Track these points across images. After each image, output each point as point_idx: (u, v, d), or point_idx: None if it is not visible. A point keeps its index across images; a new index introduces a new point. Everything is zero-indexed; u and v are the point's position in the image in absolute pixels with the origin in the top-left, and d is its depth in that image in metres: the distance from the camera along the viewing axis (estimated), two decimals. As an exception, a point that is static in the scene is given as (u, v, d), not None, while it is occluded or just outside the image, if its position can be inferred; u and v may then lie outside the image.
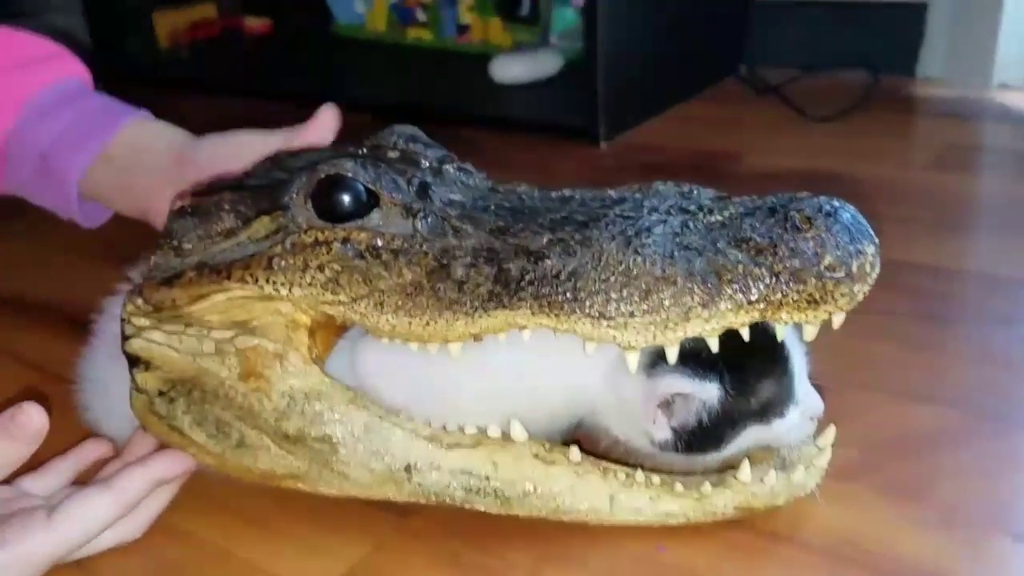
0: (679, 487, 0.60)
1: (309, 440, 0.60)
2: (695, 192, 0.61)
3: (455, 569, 0.62)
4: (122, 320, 0.63)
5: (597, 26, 1.35)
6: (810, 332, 0.55)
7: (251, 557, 0.63)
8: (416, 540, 0.64)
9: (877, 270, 0.54)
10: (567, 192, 0.63)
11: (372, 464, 0.60)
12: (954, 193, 1.18)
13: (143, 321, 0.62)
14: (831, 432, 0.63)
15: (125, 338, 0.62)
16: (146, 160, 0.76)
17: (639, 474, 0.60)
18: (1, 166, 0.79)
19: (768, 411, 0.60)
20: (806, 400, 0.61)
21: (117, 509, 0.59)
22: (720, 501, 0.60)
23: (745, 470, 0.60)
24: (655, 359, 0.58)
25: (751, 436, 0.60)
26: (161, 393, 0.62)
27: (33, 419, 0.56)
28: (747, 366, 0.59)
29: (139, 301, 0.62)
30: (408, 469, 0.60)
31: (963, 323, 0.87)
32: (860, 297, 0.53)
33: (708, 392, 0.58)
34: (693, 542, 0.61)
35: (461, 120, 1.53)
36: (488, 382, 0.61)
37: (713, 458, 0.61)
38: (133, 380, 0.63)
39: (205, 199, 0.64)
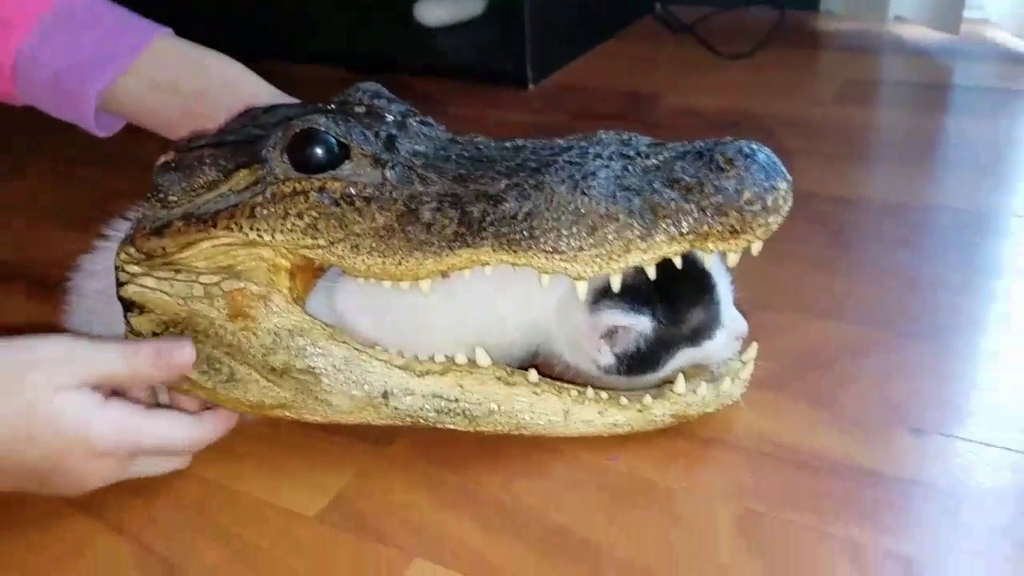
0: (624, 400, 0.68)
1: (294, 372, 0.66)
2: (633, 139, 0.67)
3: (432, 491, 0.68)
4: (116, 268, 0.68)
5: None
6: (732, 259, 0.63)
7: (255, 493, 0.69)
8: (395, 466, 0.71)
9: (790, 203, 0.61)
10: (520, 142, 0.69)
11: (352, 392, 0.66)
12: (857, 126, 1.27)
13: (135, 268, 0.67)
14: (754, 348, 0.72)
15: (120, 284, 0.67)
16: (213, 92, 0.80)
17: (589, 391, 0.68)
18: (9, 80, 0.80)
19: (698, 335, 0.68)
20: (732, 323, 0.69)
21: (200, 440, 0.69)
22: (659, 411, 0.68)
23: (680, 383, 0.68)
24: (598, 295, 0.66)
25: (684, 357, 0.68)
26: (155, 335, 0.68)
27: (186, 353, 0.66)
28: (679, 296, 0.67)
29: (131, 250, 0.67)
30: (385, 395, 0.67)
31: (866, 248, 0.95)
32: (775, 227, 0.61)
33: (643, 324, 0.66)
34: (640, 451, 0.69)
35: (389, 65, 1.56)
36: (454, 317, 0.68)
37: (651, 378, 0.69)
38: (128, 323, 0.68)
39: (187, 155, 0.69)
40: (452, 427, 0.68)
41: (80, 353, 0.63)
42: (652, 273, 0.62)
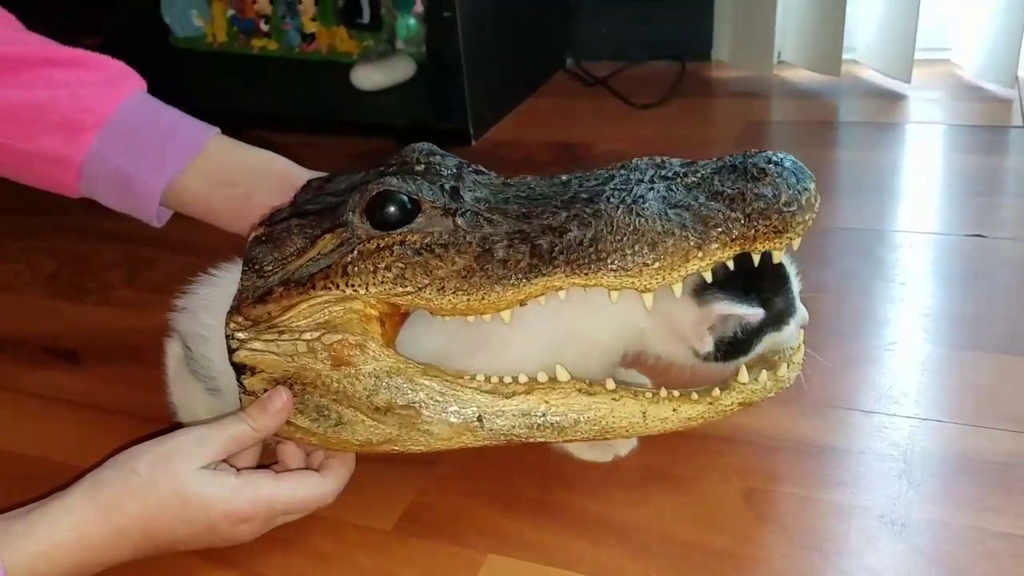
0: (695, 396, 0.74)
1: (397, 409, 0.73)
2: (667, 163, 0.75)
3: (484, 500, 0.79)
4: (227, 336, 0.74)
5: (458, 34, 1.50)
6: (777, 256, 0.70)
7: (334, 515, 0.78)
8: (448, 484, 0.82)
9: (819, 199, 0.69)
10: (564, 177, 0.77)
11: (450, 420, 0.73)
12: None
13: (243, 335, 0.74)
14: (801, 334, 0.79)
15: (231, 351, 0.74)
16: (263, 184, 0.86)
17: (663, 391, 0.74)
18: (75, 176, 0.85)
19: (780, 320, 0.74)
20: (799, 311, 0.76)
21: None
22: (728, 401, 0.74)
23: (743, 374, 0.74)
24: (698, 290, 0.72)
25: (767, 342, 0.75)
26: (265, 391, 0.74)
27: (282, 397, 0.73)
28: (764, 284, 0.73)
29: (239, 319, 0.74)
30: (480, 419, 0.73)
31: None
32: (811, 222, 0.68)
33: (755, 314, 0.72)
34: (646, 450, 0.82)
35: (334, 126, 1.65)
36: (546, 338, 0.75)
37: (740, 362, 0.75)
38: (241, 385, 0.75)
39: (275, 227, 0.76)
40: (543, 440, 0.74)
41: (207, 432, 0.72)
42: (731, 264, 0.68)
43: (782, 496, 0.76)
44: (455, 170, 0.78)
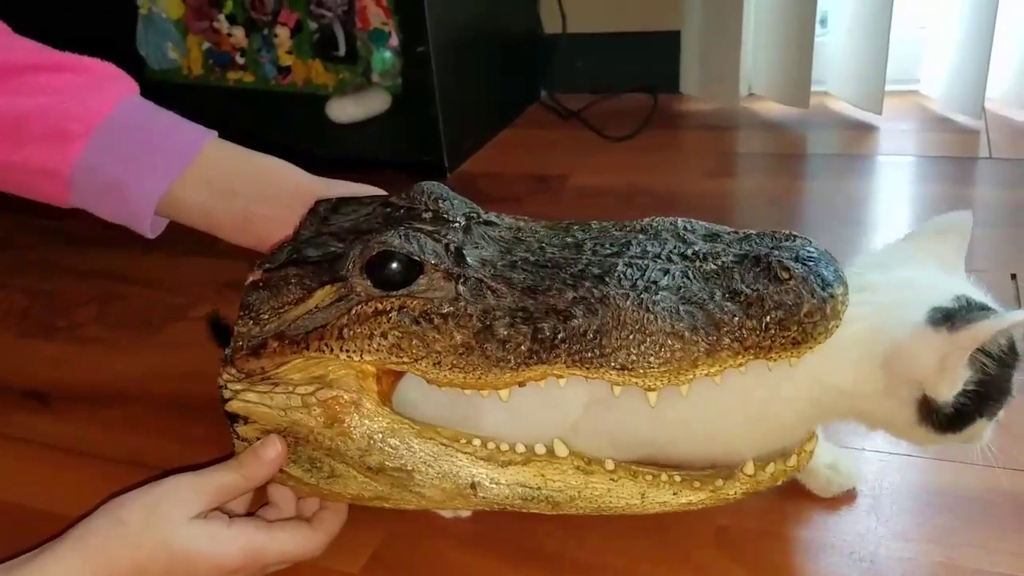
0: (696, 484, 0.71)
1: (389, 470, 0.71)
2: (689, 234, 0.70)
3: (457, 539, 0.79)
4: (220, 387, 0.73)
5: (432, 67, 1.49)
6: (794, 363, 0.64)
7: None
8: (419, 522, 0.81)
9: (847, 304, 0.63)
10: (578, 234, 0.73)
11: (443, 485, 0.71)
12: (733, 194, 1.47)
13: (237, 386, 0.72)
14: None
15: (224, 400, 0.73)
16: (265, 194, 0.83)
17: (663, 475, 0.71)
18: (64, 188, 0.81)
19: (993, 411, 0.65)
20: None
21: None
22: (731, 491, 0.71)
23: (749, 466, 0.71)
24: (939, 319, 0.63)
25: (975, 428, 0.65)
26: (259, 440, 0.73)
27: (277, 447, 0.71)
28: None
29: (232, 370, 0.72)
30: (473, 486, 0.71)
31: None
32: (834, 330, 0.63)
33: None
34: None
35: (310, 160, 1.57)
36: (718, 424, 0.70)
37: (947, 438, 0.66)
38: (235, 432, 0.74)
39: (274, 274, 0.73)
40: (537, 511, 0.72)
41: (198, 480, 0.70)
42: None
43: (752, 534, 0.77)
44: (463, 221, 0.75)
